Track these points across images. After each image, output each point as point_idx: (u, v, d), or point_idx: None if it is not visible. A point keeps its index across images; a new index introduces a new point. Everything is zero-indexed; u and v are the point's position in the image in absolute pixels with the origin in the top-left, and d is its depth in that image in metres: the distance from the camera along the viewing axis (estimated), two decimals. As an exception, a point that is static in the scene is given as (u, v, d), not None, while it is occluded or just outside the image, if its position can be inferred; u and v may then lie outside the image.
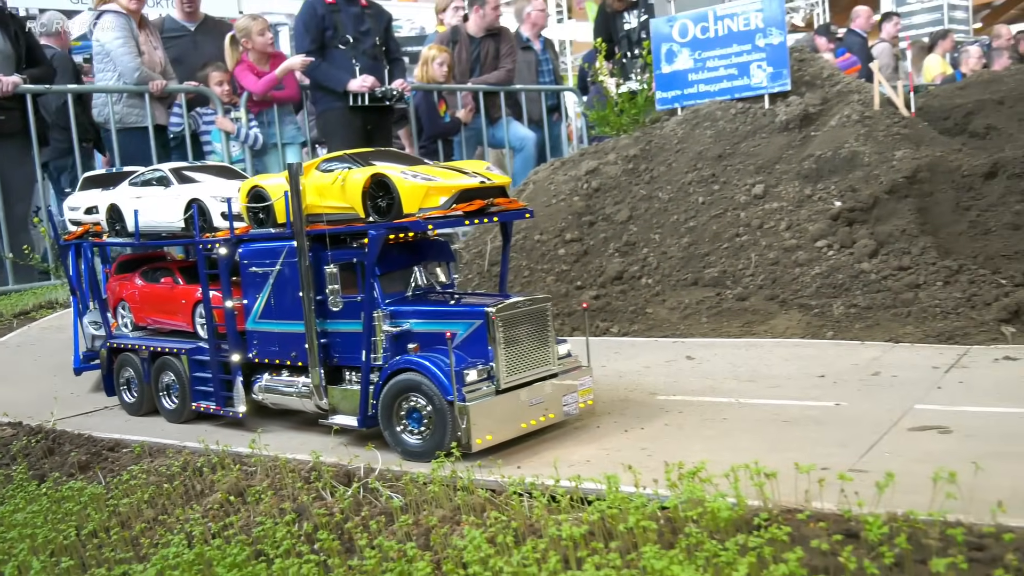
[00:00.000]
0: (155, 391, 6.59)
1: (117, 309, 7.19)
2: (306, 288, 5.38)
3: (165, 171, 6.71)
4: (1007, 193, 8.18)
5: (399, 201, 5.05)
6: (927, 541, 3.31)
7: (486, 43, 15.00)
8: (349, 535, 4.07)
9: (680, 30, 10.21)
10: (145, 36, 12.11)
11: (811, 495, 3.82)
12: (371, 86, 12.27)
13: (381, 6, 13.80)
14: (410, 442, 5.08)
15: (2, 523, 4.85)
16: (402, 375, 5.08)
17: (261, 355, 5.91)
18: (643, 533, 3.52)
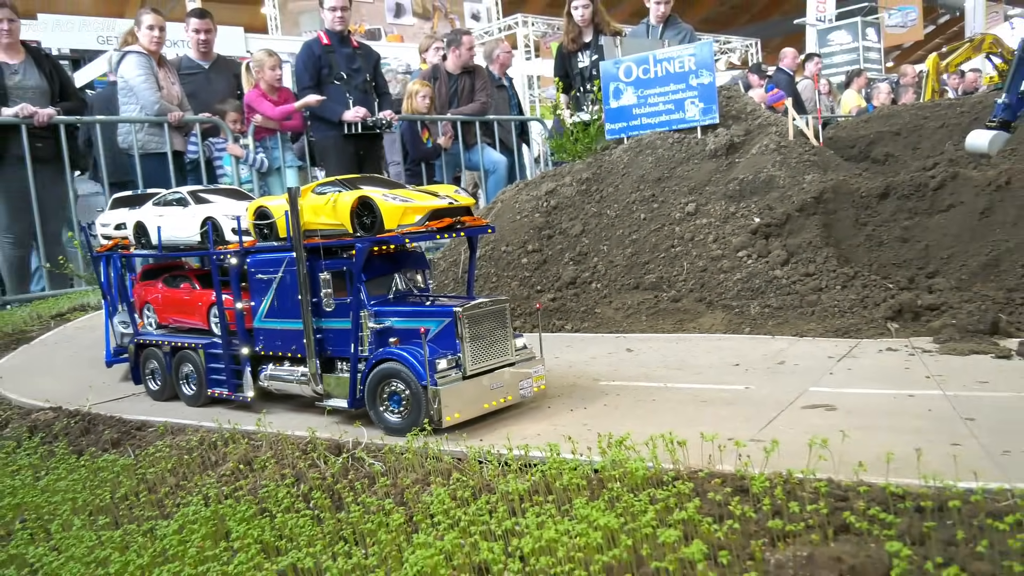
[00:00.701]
0: (176, 380, 6.81)
1: (143, 311, 7.43)
2: (304, 292, 5.64)
3: (183, 193, 6.95)
4: (897, 211, 8.55)
5: (381, 219, 5.36)
6: (801, 493, 3.65)
7: (463, 79, 15.31)
8: (338, 495, 4.36)
9: (625, 71, 10.54)
10: (164, 73, 12.32)
11: (713, 459, 4.17)
12: (363, 116, 12.57)
13: (370, 47, 14.09)
14: (391, 420, 5.36)
15: (48, 489, 5.06)
16: (384, 364, 5.36)
17: (266, 348, 6.18)
18: (576, 489, 3.85)
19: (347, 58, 13.04)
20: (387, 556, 3.56)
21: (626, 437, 4.28)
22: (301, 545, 3.81)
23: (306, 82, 12.88)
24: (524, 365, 5.76)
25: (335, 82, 12.91)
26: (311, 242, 5.73)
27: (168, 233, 6.83)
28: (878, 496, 3.59)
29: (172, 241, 6.86)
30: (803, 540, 3.21)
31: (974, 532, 3.21)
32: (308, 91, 12.70)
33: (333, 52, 12.96)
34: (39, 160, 11.17)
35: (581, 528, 3.27)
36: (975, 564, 2.97)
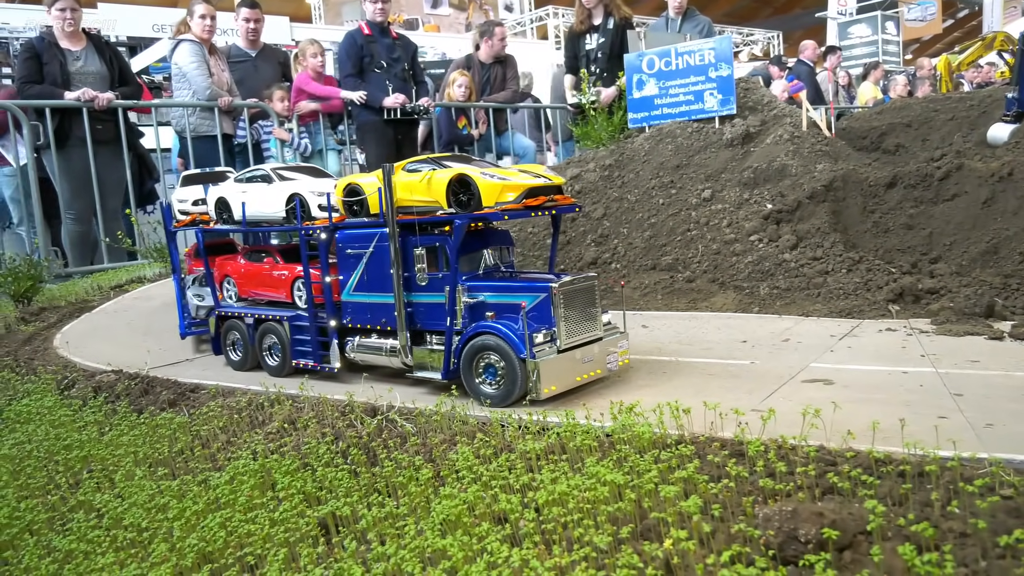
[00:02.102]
0: (259, 351, 6.84)
1: (223, 284, 7.42)
2: (396, 266, 5.60)
3: (267, 170, 6.88)
4: (903, 200, 8.59)
5: (478, 196, 5.31)
6: (793, 458, 3.82)
7: (495, 68, 15.42)
8: (373, 452, 4.59)
9: (648, 63, 10.62)
10: (215, 60, 12.57)
11: (715, 426, 4.34)
12: (402, 103, 12.76)
13: (409, 38, 14.24)
14: (486, 391, 5.29)
15: (112, 443, 5.34)
16: (481, 337, 5.30)
17: (354, 321, 6.14)
18: (588, 450, 4.05)
19: (387, 48, 13.21)
20: (416, 506, 3.79)
21: (636, 404, 4.46)
22: (340, 496, 4.04)
23: (348, 69, 13.08)
24: (611, 340, 5.70)
25: (376, 70, 13.09)
26: (405, 218, 5.65)
27: (252, 208, 6.77)
28: (864, 462, 3.75)
29: (256, 216, 6.81)
30: (792, 499, 3.38)
31: (949, 495, 3.36)
32: (351, 79, 12.89)
33: (374, 42, 13.14)
34: (99, 142, 11.46)
35: (590, 483, 3.47)
36: (947, 523, 3.12)
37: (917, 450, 3.63)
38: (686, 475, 3.50)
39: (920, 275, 7.55)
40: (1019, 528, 2.85)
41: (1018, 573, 2.55)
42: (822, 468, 3.73)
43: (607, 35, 12.98)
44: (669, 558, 2.95)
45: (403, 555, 3.24)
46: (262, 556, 3.61)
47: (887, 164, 9.50)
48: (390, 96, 12.81)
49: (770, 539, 2.96)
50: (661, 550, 2.96)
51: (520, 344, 5.12)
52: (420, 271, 5.66)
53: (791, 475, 3.68)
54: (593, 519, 3.29)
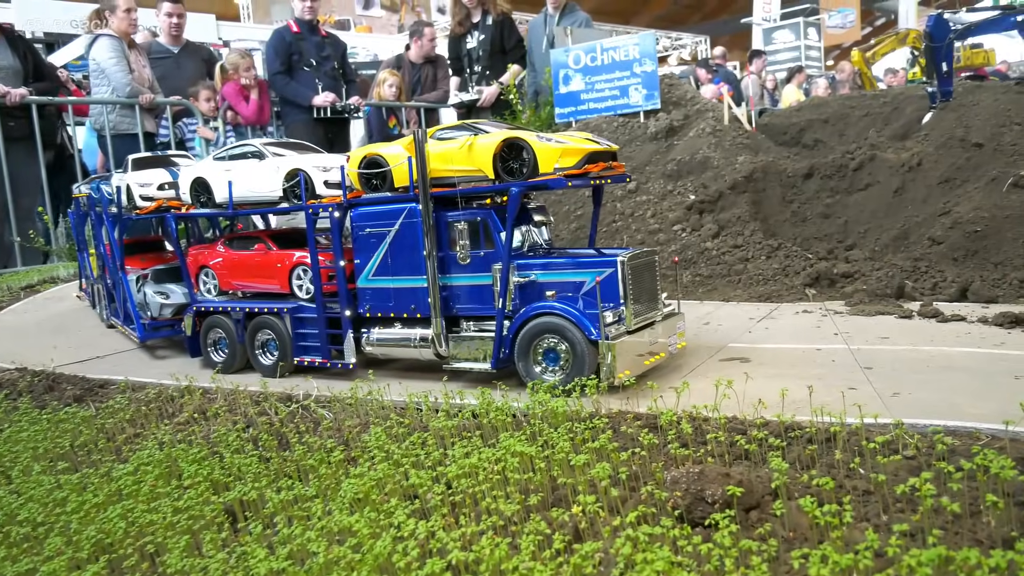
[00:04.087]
0: (251, 350, 6.20)
1: (198, 277, 6.72)
2: (430, 245, 5.10)
3: (258, 146, 6.22)
4: (820, 190, 8.76)
5: (533, 161, 4.80)
6: (705, 427, 3.80)
7: (425, 68, 15.28)
8: (285, 437, 4.43)
9: (574, 59, 10.63)
10: (135, 56, 12.15)
11: (631, 403, 4.31)
12: (332, 101, 12.54)
13: (338, 36, 14.02)
14: (549, 379, 4.78)
15: (11, 439, 5.05)
16: (540, 319, 4.84)
17: (374, 310, 5.56)
18: (502, 426, 3.96)
19: (316, 46, 12.97)
20: (327, 488, 3.65)
21: (554, 383, 4.40)
22: (248, 481, 3.88)
23: (276, 67, 12.79)
24: (671, 320, 5.36)
25: (305, 68, 12.84)
26: (442, 191, 5.12)
27: (241, 189, 6.11)
28: (774, 430, 3.75)
29: (246, 197, 6.15)
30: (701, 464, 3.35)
31: (853, 456, 3.37)
32: (279, 77, 12.63)
33: (303, 40, 12.89)
34: (11, 139, 10.98)
35: (501, 455, 3.38)
36: (851, 482, 3.13)
37: (826, 416, 3.65)
38: (598, 446, 3.45)
39: (835, 260, 7.69)
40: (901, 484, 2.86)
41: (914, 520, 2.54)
42: (732, 437, 3.71)
43: (487, 32, 12.89)
44: (577, 523, 2.88)
45: (309, 535, 3.11)
46: (163, 544, 3.43)
47: (806, 157, 9.68)
48: (320, 95, 12.59)
49: (677, 501, 2.92)
50: (568, 515, 2.89)
51: (589, 325, 4.65)
52: (462, 249, 5.11)
53: (703, 444, 3.67)
54: (503, 490, 3.20)
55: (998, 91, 9.21)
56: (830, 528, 2.50)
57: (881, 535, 2.60)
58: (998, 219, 7.15)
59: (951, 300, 6.59)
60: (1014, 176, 7.44)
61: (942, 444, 3.14)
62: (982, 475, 2.74)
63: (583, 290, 4.80)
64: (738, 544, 2.43)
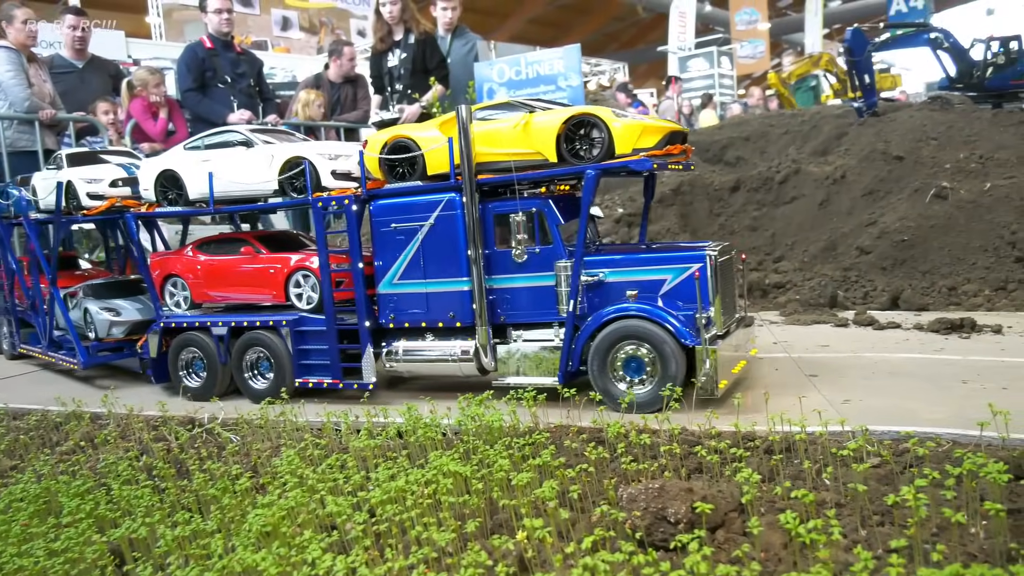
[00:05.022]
0: (238, 371, 5.22)
1: (163, 288, 5.68)
2: (476, 242, 4.35)
3: (244, 132, 5.35)
4: (747, 203, 8.64)
5: (608, 141, 4.08)
6: (656, 440, 3.43)
7: (345, 88, 14.79)
8: (184, 465, 3.87)
9: (499, 72, 10.33)
10: (35, 70, 11.31)
11: (572, 416, 3.92)
12: (248, 119, 11.91)
13: (254, 54, 13.42)
14: (631, 392, 4.08)
15: None
16: (621, 323, 4.13)
17: (400, 320, 4.72)
18: (431, 444, 3.51)
19: (231, 62, 12.33)
20: (231, 520, 3.12)
21: (486, 396, 3.97)
22: (138, 516, 3.31)
23: (189, 84, 12.09)
24: (749, 324, 4.79)
25: (219, 85, 12.18)
26: (488, 178, 4.38)
27: (226, 182, 5.17)
28: (731, 440, 3.42)
29: (230, 192, 5.22)
30: (658, 478, 2.97)
31: (819, 465, 3.06)
32: (191, 94, 11.95)
33: (217, 56, 12.23)
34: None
35: (432, 475, 2.93)
36: (819, 494, 2.80)
37: (786, 425, 3.32)
38: (540, 462, 3.03)
39: (766, 271, 7.52)
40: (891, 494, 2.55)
41: (909, 533, 2.21)
42: (686, 449, 3.37)
43: (409, 50, 12.56)
44: (522, 552, 2.45)
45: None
46: (32, 594, 2.86)
47: (730, 172, 9.58)
48: (235, 112, 11.96)
49: (636, 521, 2.52)
50: (513, 543, 2.46)
51: (683, 328, 3.98)
52: (518, 246, 4.34)
53: (653, 457, 3.30)
54: (435, 516, 2.75)
55: (913, 108, 9.31)
56: (815, 547, 2.13)
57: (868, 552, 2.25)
58: (923, 229, 7.09)
59: (883, 308, 6.47)
60: (936, 187, 7.42)
61: (923, 450, 2.83)
62: (971, 481, 2.43)
63: (662, 290, 4.16)
64: (715, 572, 2.04)
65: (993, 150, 8.00)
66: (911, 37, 9.72)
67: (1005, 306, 6.17)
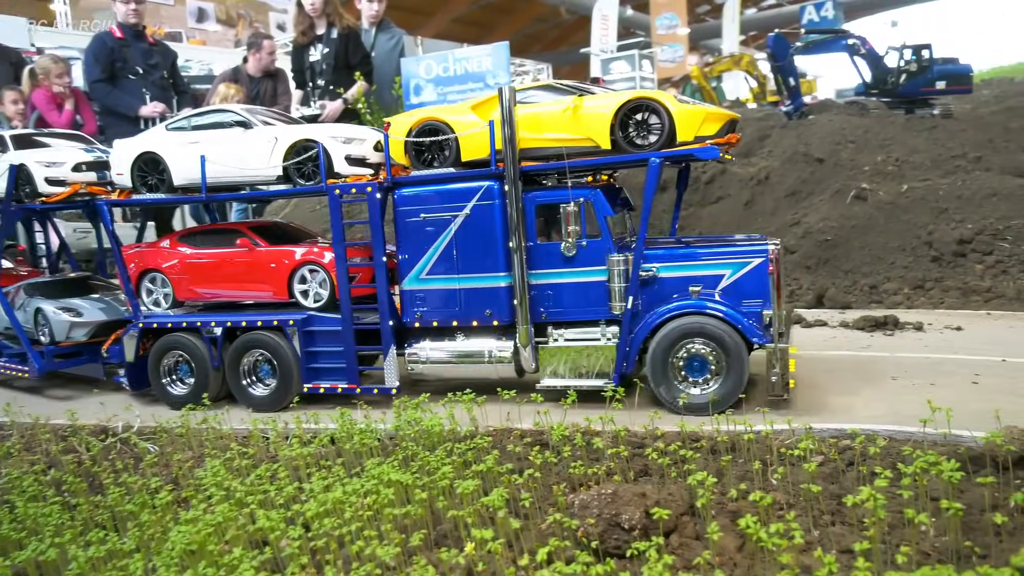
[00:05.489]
0: (234, 376, 4.71)
1: (140, 284, 5.12)
2: (520, 234, 4.03)
3: (241, 112, 4.85)
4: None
5: (669, 128, 3.83)
6: (596, 441, 3.33)
7: (265, 82, 14.30)
8: (97, 478, 3.58)
9: (426, 68, 10.10)
10: (-71, 56, 10.59)
11: (511, 417, 3.79)
12: (161, 112, 11.37)
13: (168, 45, 12.84)
14: (693, 393, 3.88)
15: None
16: (682, 320, 3.87)
17: (428, 318, 4.33)
18: (367, 452, 3.33)
19: (143, 53, 11.72)
20: (149, 537, 2.88)
21: (423, 399, 3.81)
22: (46, 536, 3.03)
23: (97, 75, 11.45)
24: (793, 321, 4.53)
25: (130, 76, 11.59)
26: (532, 164, 4.08)
27: (220, 167, 4.63)
28: (675, 440, 3.35)
29: (224, 178, 4.71)
30: (610, 482, 2.87)
31: (766, 463, 3.01)
32: (100, 85, 11.33)
33: (128, 46, 11.61)
34: None
35: (371, 486, 2.76)
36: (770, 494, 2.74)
37: (731, 425, 3.28)
38: (484, 468, 2.89)
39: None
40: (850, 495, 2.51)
41: (869, 535, 2.15)
42: (630, 450, 3.28)
43: (331, 45, 12.22)
44: (472, 565, 2.31)
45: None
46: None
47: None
48: (148, 105, 11.40)
49: (589, 529, 2.41)
50: (463, 556, 2.31)
51: (753, 327, 3.76)
52: (570, 238, 4.02)
53: (597, 460, 3.21)
54: (377, 529, 2.58)
55: (831, 112, 9.53)
56: (777, 551, 2.06)
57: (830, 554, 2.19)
58: (845, 229, 7.24)
59: (808, 306, 6.56)
60: (856, 189, 7.59)
61: (874, 448, 2.81)
62: (922, 479, 2.40)
63: (720, 285, 3.94)
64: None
65: (908, 154, 8.25)
66: (830, 42, 9.97)
67: (924, 304, 6.34)
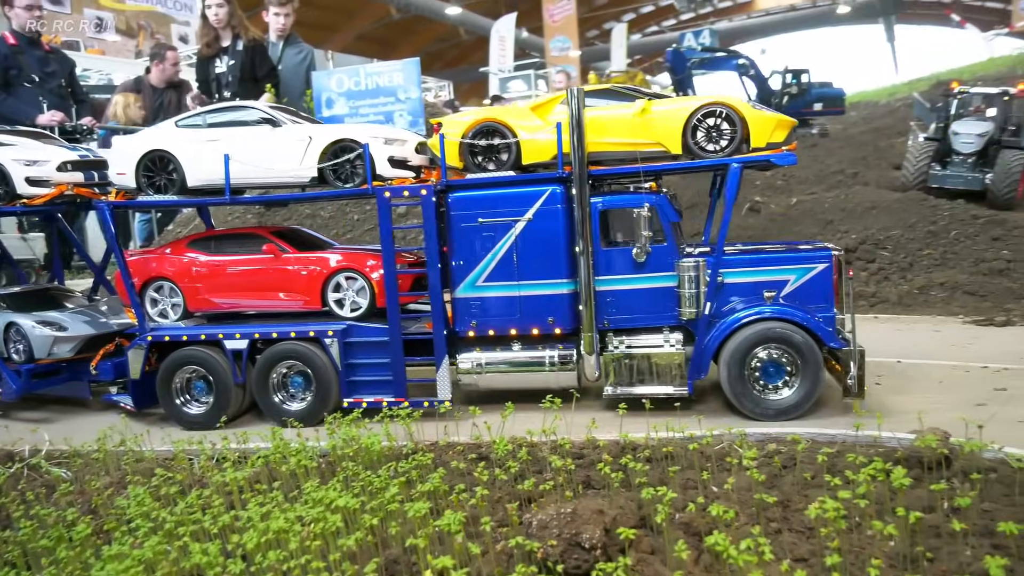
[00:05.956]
0: (262, 390, 4.18)
1: (143, 293, 4.51)
2: (587, 240, 3.77)
3: (265, 110, 4.37)
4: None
5: (743, 133, 3.70)
6: (542, 454, 3.18)
7: (168, 93, 13.53)
8: (6, 511, 3.17)
9: (337, 82, 9.75)
10: None
11: (448, 431, 3.59)
12: (60, 121, 10.53)
13: (65, 53, 11.95)
14: (771, 400, 3.70)
15: None
16: (758, 326, 3.69)
17: (483, 327, 4.02)
18: (304, 473, 3.06)
19: (39, 61, 10.85)
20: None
21: (356, 415, 3.56)
22: (-54, 579, 2.64)
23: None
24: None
25: (25, 84, 10.71)
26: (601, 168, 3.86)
27: (244, 167, 4.11)
28: (613, 450, 3.23)
29: (251, 179, 4.21)
30: (554, 498, 2.72)
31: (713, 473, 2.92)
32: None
33: (22, 53, 10.72)
34: None
35: (316, 513, 2.51)
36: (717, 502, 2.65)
37: (669, 432, 3.19)
38: (431, 487, 2.68)
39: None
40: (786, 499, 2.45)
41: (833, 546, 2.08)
42: (575, 461, 3.14)
43: (237, 57, 11.66)
44: (432, 596, 2.11)
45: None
46: None
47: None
48: (46, 113, 10.55)
49: (551, 550, 2.25)
50: (422, 587, 2.11)
51: (829, 331, 3.64)
52: (644, 242, 3.81)
53: (540, 472, 3.06)
54: (324, 559, 2.34)
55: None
56: (747, 568, 1.95)
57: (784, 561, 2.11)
58: (742, 239, 7.36)
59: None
60: (750, 202, 7.75)
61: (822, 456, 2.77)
62: (869, 486, 2.35)
63: (784, 290, 3.82)
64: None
65: (794, 170, 8.51)
66: (724, 61, 10.22)
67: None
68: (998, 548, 2.18)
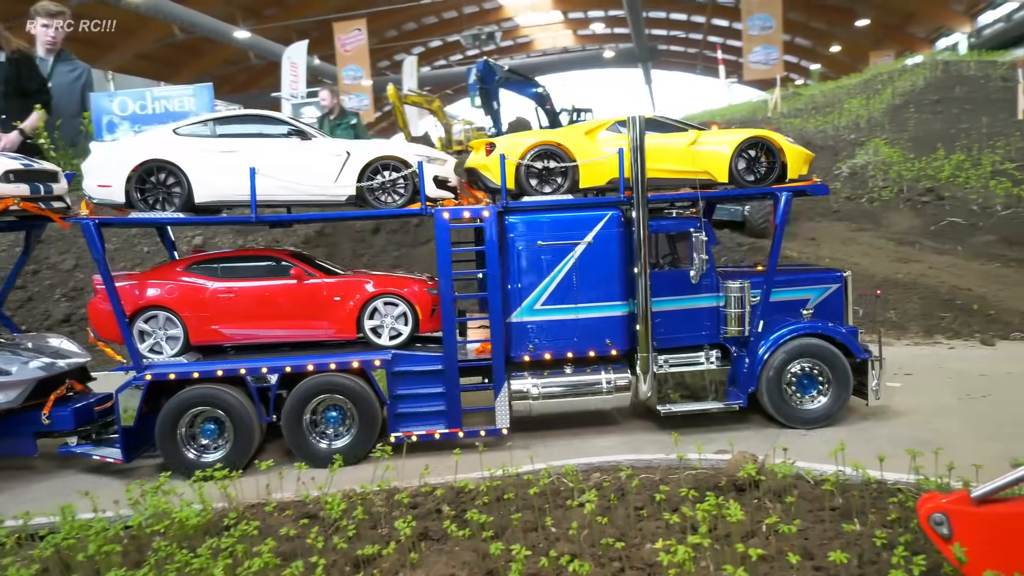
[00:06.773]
0: (296, 429, 3.54)
1: (134, 322, 3.67)
2: (645, 263, 3.64)
3: (293, 122, 3.83)
4: (388, 244, 8.44)
5: (782, 165, 3.87)
6: (376, 509, 2.92)
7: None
8: None
9: (120, 105, 8.74)
10: None
11: (272, 488, 3.21)
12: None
13: None
14: (806, 408, 3.87)
15: None
16: (796, 341, 3.86)
17: (540, 350, 3.78)
18: (106, 559, 2.56)
19: None
20: None
21: (163, 481, 3.07)
22: None
23: None
24: None
25: None
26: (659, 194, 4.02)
27: (270, 182, 3.59)
28: (448, 496, 3.04)
29: (278, 195, 3.71)
30: (398, 561, 2.47)
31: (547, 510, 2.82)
32: None
33: None
34: None
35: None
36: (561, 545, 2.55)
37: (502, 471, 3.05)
38: (262, 564, 2.33)
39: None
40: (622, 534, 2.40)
41: None
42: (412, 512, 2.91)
43: (1, 71, 10.27)
44: None
45: None
46: None
47: (367, 214, 9.31)
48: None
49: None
50: None
51: (856, 344, 3.91)
52: (701, 265, 3.85)
53: (374, 528, 2.80)
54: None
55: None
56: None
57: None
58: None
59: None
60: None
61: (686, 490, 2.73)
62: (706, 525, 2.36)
63: (806, 308, 4.10)
64: None
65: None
66: (526, 85, 10.46)
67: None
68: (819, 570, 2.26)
